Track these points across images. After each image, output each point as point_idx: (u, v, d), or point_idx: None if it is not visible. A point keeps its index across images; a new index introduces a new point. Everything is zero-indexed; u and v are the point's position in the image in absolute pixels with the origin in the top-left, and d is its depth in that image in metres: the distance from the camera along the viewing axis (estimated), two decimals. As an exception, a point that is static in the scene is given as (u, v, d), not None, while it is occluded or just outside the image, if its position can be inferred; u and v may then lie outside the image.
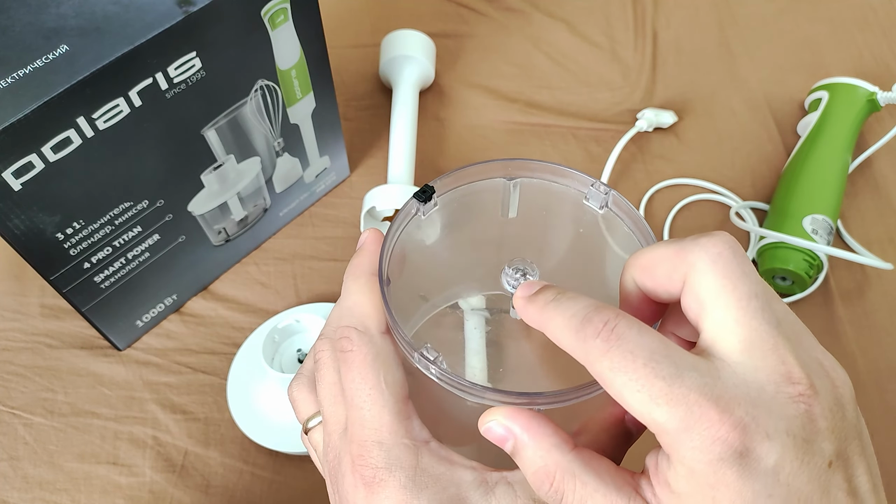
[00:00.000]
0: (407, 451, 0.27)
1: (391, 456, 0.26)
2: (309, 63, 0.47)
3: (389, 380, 0.28)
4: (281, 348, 0.48)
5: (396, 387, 0.28)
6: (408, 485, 0.26)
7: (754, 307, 0.22)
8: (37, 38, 0.36)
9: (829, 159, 0.56)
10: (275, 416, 0.47)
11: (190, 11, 0.38)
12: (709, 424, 0.21)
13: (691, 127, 0.63)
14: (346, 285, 0.30)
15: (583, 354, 0.23)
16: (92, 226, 0.42)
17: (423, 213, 0.30)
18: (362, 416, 0.27)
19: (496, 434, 0.25)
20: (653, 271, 0.25)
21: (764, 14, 0.72)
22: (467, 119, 0.64)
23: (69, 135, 0.36)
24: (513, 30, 0.70)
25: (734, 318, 0.22)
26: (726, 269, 0.23)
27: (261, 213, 0.54)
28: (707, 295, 0.23)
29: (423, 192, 0.30)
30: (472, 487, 0.27)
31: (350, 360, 0.28)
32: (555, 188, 0.31)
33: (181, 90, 0.40)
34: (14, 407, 0.49)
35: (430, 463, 0.27)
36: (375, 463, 0.26)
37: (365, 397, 0.27)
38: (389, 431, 0.27)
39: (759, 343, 0.22)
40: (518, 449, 0.25)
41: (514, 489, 0.27)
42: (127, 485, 0.46)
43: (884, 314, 0.53)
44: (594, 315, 0.23)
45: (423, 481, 0.26)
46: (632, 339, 0.22)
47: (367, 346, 0.28)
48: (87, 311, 0.46)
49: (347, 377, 0.28)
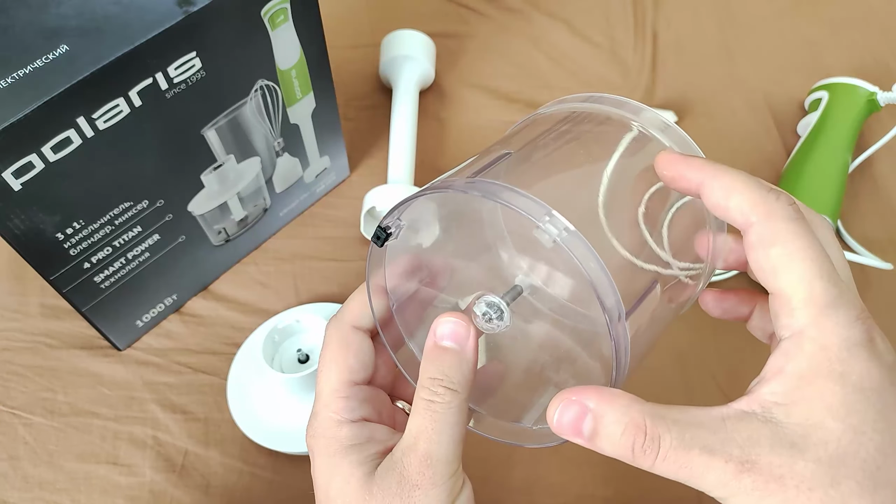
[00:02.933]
0: (330, 423, 0.30)
1: (317, 424, 0.31)
2: (309, 63, 0.47)
3: (341, 363, 0.31)
4: (281, 348, 0.48)
5: (345, 372, 0.31)
6: (327, 451, 0.30)
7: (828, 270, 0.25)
8: (37, 38, 0.36)
9: (829, 159, 0.56)
10: (275, 416, 0.47)
11: (190, 11, 0.38)
12: (852, 307, 0.24)
13: (691, 127, 0.63)
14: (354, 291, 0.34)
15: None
16: (92, 226, 0.42)
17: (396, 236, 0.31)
18: (318, 388, 0.32)
19: (570, 416, 0.25)
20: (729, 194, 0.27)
21: (764, 14, 0.72)
22: (467, 119, 0.64)
23: (69, 135, 0.36)
24: (513, 30, 0.70)
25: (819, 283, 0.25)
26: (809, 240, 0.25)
27: (261, 213, 0.54)
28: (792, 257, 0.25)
29: (377, 237, 0.30)
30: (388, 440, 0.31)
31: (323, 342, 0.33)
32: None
33: (181, 90, 0.40)
34: (14, 407, 0.49)
35: (347, 435, 0.30)
36: (312, 431, 0.31)
37: (320, 375, 0.32)
38: (323, 404, 0.31)
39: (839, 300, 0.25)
40: (598, 419, 0.25)
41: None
42: (127, 485, 0.46)
43: (884, 314, 0.53)
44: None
45: (335, 449, 0.30)
46: None
47: (333, 330, 0.32)
48: (87, 311, 0.46)
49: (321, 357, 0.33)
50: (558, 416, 0.25)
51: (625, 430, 0.24)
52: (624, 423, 0.24)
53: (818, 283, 0.24)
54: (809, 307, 0.24)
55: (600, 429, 0.25)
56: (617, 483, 0.46)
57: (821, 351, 0.23)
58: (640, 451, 0.24)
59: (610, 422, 0.24)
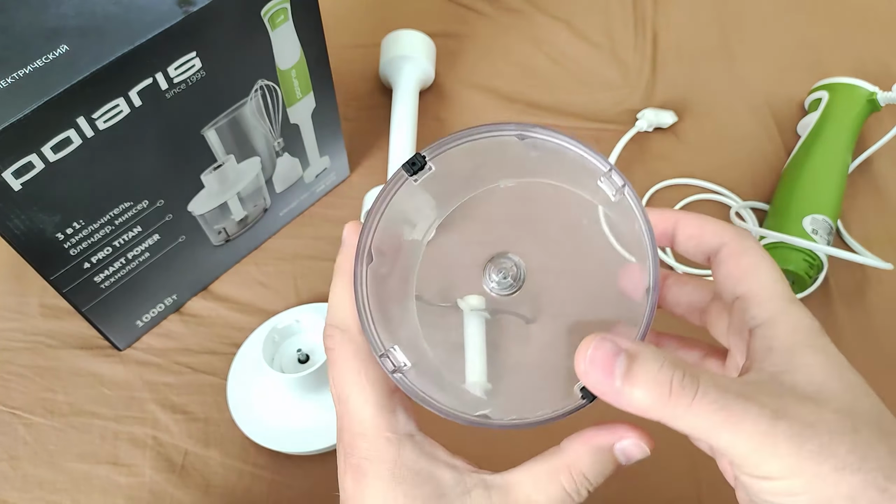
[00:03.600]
0: (388, 445, 0.27)
1: (372, 448, 0.27)
2: (309, 63, 0.47)
3: (371, 375, 0.28)
4: (281, 348, 0.48)
5: (378, 382, 0.28)
6: (386, 477, 0.27)
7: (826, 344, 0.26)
8: (37, 38, 0.36)
9: (829, 159, 0.56)
10: (275, 416, 0.47)
11: (190, 11, 0.38)
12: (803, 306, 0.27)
13: (691, 127, 0.63)
14: (333, 282, 0.30)
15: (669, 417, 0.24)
16: (92, 226, 0.42)
17: (417, 180, 0.29)
18: (348, 409, 0.28)
19: (603, 353, 0.24)
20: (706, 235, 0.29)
21: (764, 14, 0.72)
22: (467, 119, 0.64)
23: (69, 135, 0.36)
24: (513, 30, 0.70)
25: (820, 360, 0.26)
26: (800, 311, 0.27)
27: (261, 213, 0.54)
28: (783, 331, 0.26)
29: (413, 163, 0.28)
30: (450, 487, 0.27)
31: (333, 357, 0.29)
32: (570, 155, 0.29)
33: (181, 90, 0.40)
34: (14, 407, 0.49)
35: (410, 457, 0.27)
36: (360, 454, 0.27)
37: (349, 392, 0.28)
38: (372, 425, 0.27)
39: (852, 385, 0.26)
40: (633, 357, 0.24)
41: (490, 494, 0.27)
42: (127, 485, 0.46)
43: (884, 314, 0.53)
44: (683, 375, 0.24)
45: (401, 475, 0.27)
46: (720, 390, 0.24)
47: (347, 343, 0.29)
48: (87, 311, 0.46)
49: (333, 373, 0.29)
50: (591, 353, 0.24)
51: (663, 365, 0.23)
52: (661, 359, 0.24)
53: (781, 285, 0.27)
54: (777, 301, 0.27)
55: (636, 367, 0.23)
56: (617, 483, 0.46)
57: (795, 332, 0.26)
58: (679, 387, 0.23)
59: (647, 359, 0.24)
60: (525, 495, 0.27)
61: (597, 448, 0.27)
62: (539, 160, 0.29)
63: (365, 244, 0.28)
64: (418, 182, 0.29)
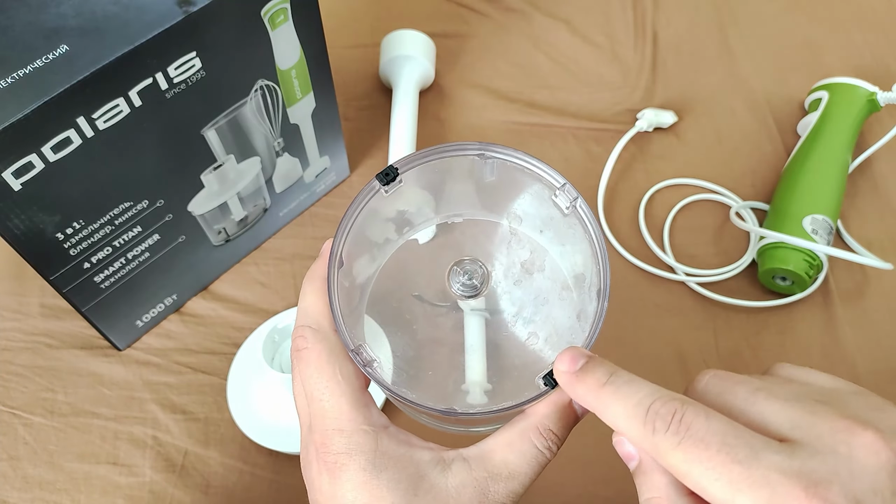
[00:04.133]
0: (366, 436, 0.28)
1: (351, 442, 0.28)
2: (309, 63, 0.47)
3: (345, 372, 0.29)
4: (281, 348, 0.48)
5: (352, 378, 0.29)
6: (367, 467, 0.27)
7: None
8: (37, 38, 0.36)
9: (829, 159, 0.56)
10: (275, 416, 0.47)
11: (190, 11, 0.38)
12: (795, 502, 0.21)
13: (691, 127, 0.63)
14: (303, 289, 0.31)
15: (651, 447, 0.23)
16: (92, 226, 0.42)
17: (386, 191, 0.31)
18: (322, 407, 0.28)
19: (625, 450, 0.26)
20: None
21: (764, 14, 0.72)
22: (467, 119, 0.64)
23: (69, 135, 0.36)
24: (513, 30, 0.70)
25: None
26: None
27: (261, 213, 0.54)
28: None
29: (386, 174, 0.30)
30: (430, 465, 0.28)
31: (305, 357, 0.29)
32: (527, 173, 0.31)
33: (181, 90, 0.40)
34: (14, 407, 0.49)
35: (388, 446, 0.28)
36: (337, 449, 0.28)
37: (323, 389, 0.29)
38: (348, 419, 0.28)
39: (808, 417, 0.23)
40: (642, 469, 0.25)
41: (469, 464, 0.28)
42: (127, 485, 0.46)
43: (884, 314, 0.53)
44: (661, 406, 0.23)
45: (382, 463, 0.28)
46: (701, 427, 0.23)
47: (321, 343, 0.29)
48: (87, 311, 0.46)
49: (305, 373, 0.29)
50: (619, 441, 0.26)
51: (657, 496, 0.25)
52: (660, 489, 0.25)
53: (740, 498, 0.22)
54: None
55: (641, 474, 0.25)
56: (618, 483, 0.46)
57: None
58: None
59: (649, 478, 0.25)
60: (501, 458, 0.28)
61: (557, 404, 0.29)
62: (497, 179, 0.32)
63: (337, 250, 0.30)
64: (388, 194, 0.31)
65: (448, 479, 0.28)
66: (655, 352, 0.52)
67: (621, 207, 0.59)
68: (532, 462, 0.28)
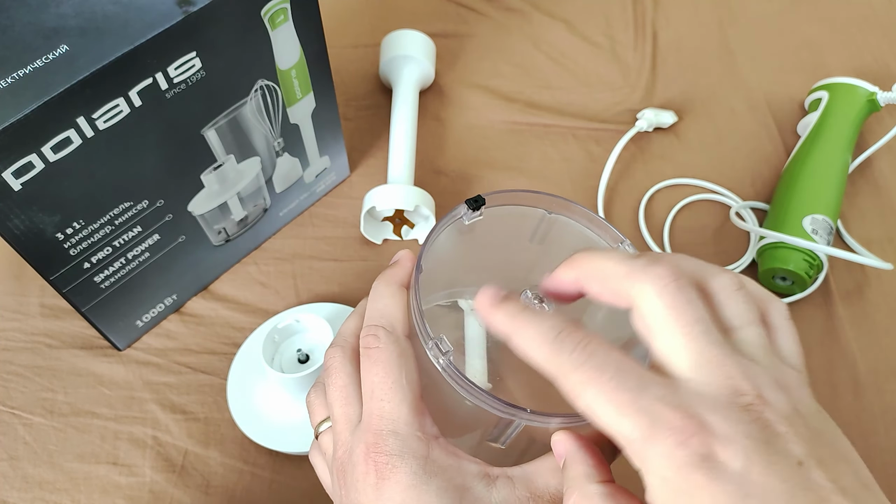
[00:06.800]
0: (419, 443, 0.29)
1: (405, 445, 0.28)
2: (309, 63, 0.47)
3: (409, 378, 0.30)
4: (281, 348, 0.48)
5: (414, 385, 0.30)
6: (418, 472, 0.28)
7: (698, 331, 0.24)
8: (37, 38, 0.36)
9: (829, 159, 0.56)
10: (275, 416, 0.47)
11: (190, 11, 0.38)
12: (671, 431, 0.22)
13: (691, 127, 0.63)
14: (378, 290, 0.32)
15: (555, 367, 0.25)
16: (92, 226, 0.42)
17: (467, 220, 0.33)
18: (381, 407, 0.29)
19: (557, 450, 0.28)
20: (602, 281, 0.27)
21: (764, 14, 0.72)
22: (467, 119, 0.64)
23: (69, 135, 0.36)
24: (513, 30, 0.70)
25: (681, 342, 0.24)
26: (672, 299, 0.25)
27: (261, 213, 0.54)
28: (655, 321, 0.25)
29: (476, 200, 0.32)
30: (476, 479, 0.29)
31: (375, 356, 0.30)
32: (586, 233, 0.34)
33: (181, 90, 0.40)
34: (14, 407, 0.49)
35: (439, 455, 0.29)
36: (390, 450, 0.28)
37: (387, 390, 0.29)
38: (405, 423, 0.29)
39: (706, 362, 0.24)
40: (565, 466, 0.27)
41: (513, 483, 0.29)
42: (127, 485, 0.46)
43: (884, 314, 0.53)
44: (570, 332, 0.25)
45: (432, 470, 0.28)
46: (601, 356, 0.24)
47: (393, 345, 0.30)
48: (87, 311, 0.46)
49: (371, 371, 0.30)
50: (554, 441, 0.28)
51: (567, 488, 0.27)
52: (569, 484, 0.27)
53: (624, 424, 0.23)
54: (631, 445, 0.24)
55: (565, 470, 0.27)
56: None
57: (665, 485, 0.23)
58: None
59: (568, 475, 0.27)
60: (544, 482, 0.29)
61: (601, 442, 0.29)
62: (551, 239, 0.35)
63: (421, 257, 0.31)
64: (468, 222, 0.33)
65: (492, 495, 0.28)
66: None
67: (621, 207, 0.59)
68: None
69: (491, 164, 0.61)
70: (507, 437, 0.30)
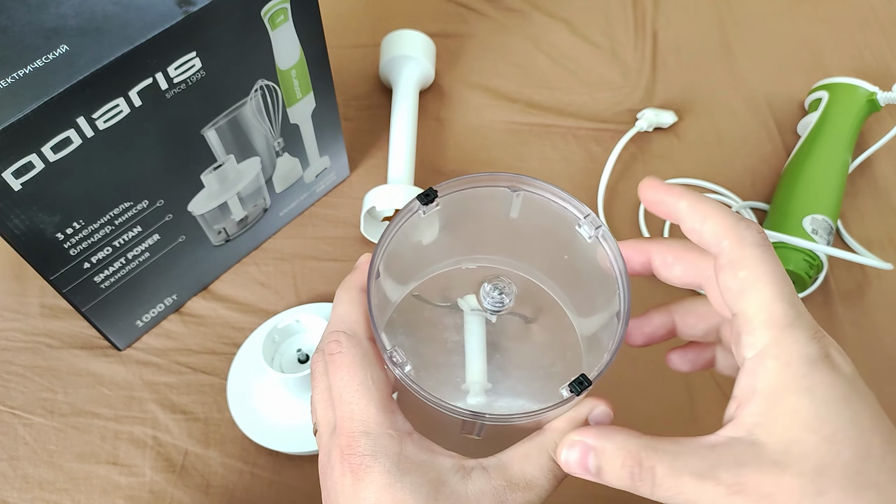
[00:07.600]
0: (391, 440, 0.29)
1: (377, 444, 0.28)
2: (309, 63, 0.47)
3: (375, 378, 0.30)
4: (281, 348, 0.48)
5: (381, 384, 0.30)
6: (392, 470, 0.28)
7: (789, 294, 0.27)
8: (37, 38, 0.36)
9: (829, 159, 0.56)
10: (275, 416, 0.47)
11: (190, 11, 0.38)
12: (809, 326, 0.26)
13: (691, 127, 0.63)
14: (338, 297, 0.33)
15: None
16: (92, 226, 0.42)
17: (424, 212, 0.32)
18: (350, 410, 0.29)
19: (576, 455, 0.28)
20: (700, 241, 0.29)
21: (764, 14, 0.72)
22: (467, 119, 0.64)
23: (69, 135, 0.36)
24: (513, 30, 0.70)
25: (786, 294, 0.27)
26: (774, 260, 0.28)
27: (261, 213, 0.54)
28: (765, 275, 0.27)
29: (427, 194, 0.32)
30: (451, 472, 0.29)
31: (339, 360, 0.30)
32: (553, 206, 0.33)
33: (181, 90, 0.40)
34: (14, 407, 0.49)
35: (412, 451, 0.29)
36: (362, 451, 0.28)
37: (353, 393, 0.29)
38: (375, 423, 0.29)
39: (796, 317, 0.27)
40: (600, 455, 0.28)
41: (488, 472, 0.29)
42: (127, 485, 0.46)
43: (884, 314, 0.53)
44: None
45: (406, 467, 0.28)
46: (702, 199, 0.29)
47: (355, 348, 0.30)
48: (87, 311, 0.46)
49: (336, 376, 0.30)
50: (565, 457, 0.28)
51: (623, 462, 0.27)
52: (622, 455, 0.27)
53: (778, 306, 0.26)
54: (770, 328, 0.26)
55: (603, 463, 0.28)
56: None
57: (784, 368, 0.26)
58: (639, 479, 0.26)
59: (609, 455, 0.27)
60: (519, 469, 0.29)
61: (574, 421, 0.30)
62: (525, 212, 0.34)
63: (376, 261, 0.31)
64: (425, 215, 0.32)
65: (468, 486, 0.29)
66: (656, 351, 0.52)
67: (621, 207, 0.59)
68: (549, 475, 0.29)
69: (491, 164, 0.61)
70: (480, 429, 0.31)
